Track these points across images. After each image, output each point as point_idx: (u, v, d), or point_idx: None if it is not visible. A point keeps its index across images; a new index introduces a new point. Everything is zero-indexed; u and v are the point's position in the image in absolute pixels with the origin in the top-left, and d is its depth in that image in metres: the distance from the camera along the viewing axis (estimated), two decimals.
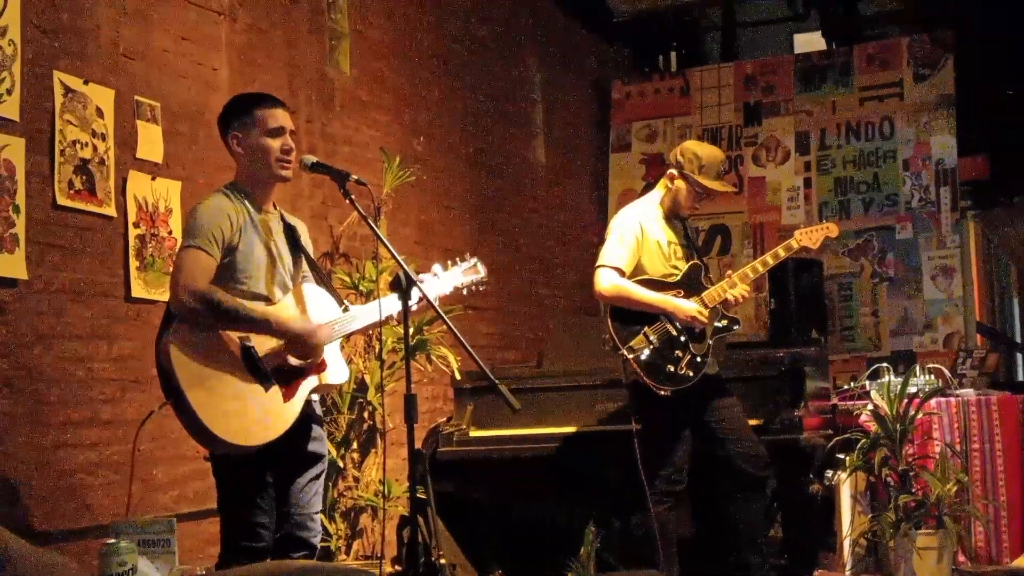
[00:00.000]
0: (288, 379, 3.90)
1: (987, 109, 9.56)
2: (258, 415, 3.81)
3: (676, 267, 5.22)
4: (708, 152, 5.27)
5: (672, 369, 5.04)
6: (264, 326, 3.85)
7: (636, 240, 5.16)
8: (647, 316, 5.08)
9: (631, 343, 5.02)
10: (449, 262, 4.35)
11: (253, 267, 3.95)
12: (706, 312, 5.08)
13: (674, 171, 5.25)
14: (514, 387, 4.22)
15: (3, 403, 4.40)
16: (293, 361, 3.92)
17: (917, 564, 5.49)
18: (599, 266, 5.15)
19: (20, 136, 4.52)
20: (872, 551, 5.77)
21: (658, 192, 5.35)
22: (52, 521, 4.54)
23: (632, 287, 5.09)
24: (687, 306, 5.07)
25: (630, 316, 5.09)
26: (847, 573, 5.75)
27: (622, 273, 5.12)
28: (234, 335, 3.83)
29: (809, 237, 5.34)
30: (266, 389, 3.83)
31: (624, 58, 10.98)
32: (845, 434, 5.74)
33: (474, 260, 4.39)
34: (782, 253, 5.28)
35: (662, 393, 4.99)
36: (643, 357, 5.01)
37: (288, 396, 3.89)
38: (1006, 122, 9.66)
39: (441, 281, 4.27)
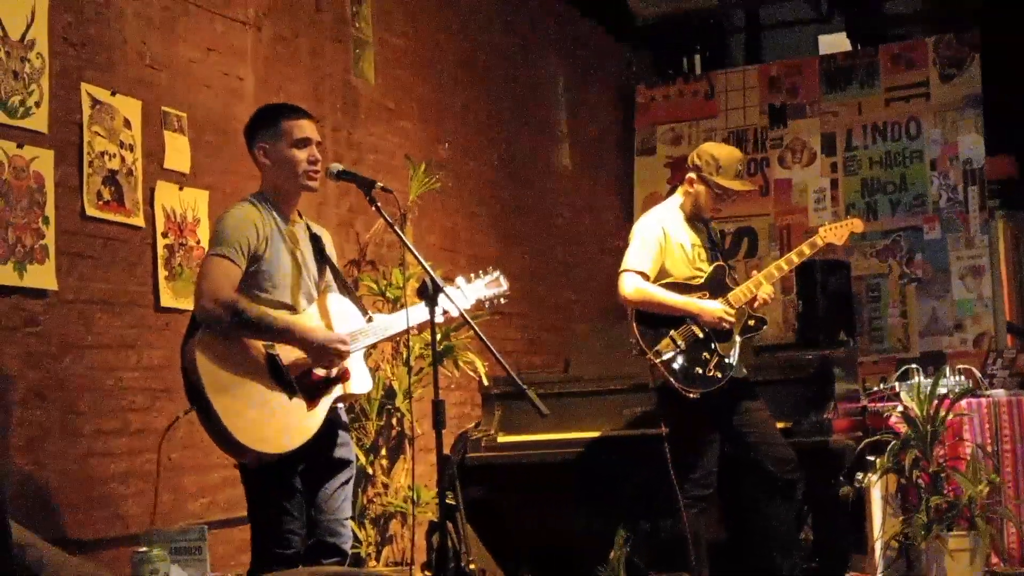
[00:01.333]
0: (312, 388, 3.91)
1: (1014, 108, 9.50)
2: (282, 423, 3.82)
3: (700, 270, 5.21)
4: (725, 153, 5.26)
5: (700, 371, 5.03)
6: (287, 336, 3.86)
7: (659, 244, 5.15)
8: (673, 319, 5.07)
9: (658, 346, 5.01)
10: (472, 275, 4.36)
11: (279, 276, 3.96)
12: (732, 312, 5.07)
13: (693, 174, 5.25)
14: (541, 392, 4.21)
15: (34, 413, 4.43)
16: (318, 371, 3.93)
17: (949, 566, 5.44)
18: (623, 271, 5.15)
19: (49, 148, 4.56)
20: (904, 553, 5.73)
21: (679, 196, 5.35)
22: (84, 530, 4.58)
23: (656, 290, 5.08)
24: (712, 307, 5.06)
25: (656, 319, 5.08)
26: None
27: (646, 277, 5.11)
28: (259, 343, 3.84)
29: (834, 233, 5.32)
30: (290, 397, 3.85)
31: (648, 62, 10.97)
32: (875, 436, 5.70)
33: (496, 273, 4.39)
34: (807, 251, 5.26)
35: (691, 396, 4.98)
36: (670, 360, 5.00)
37: (312, 404, 3.90)
38: None
39: (464, 294, 4.27)
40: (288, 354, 3.87)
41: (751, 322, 5.18)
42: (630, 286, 5.09)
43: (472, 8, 8.02)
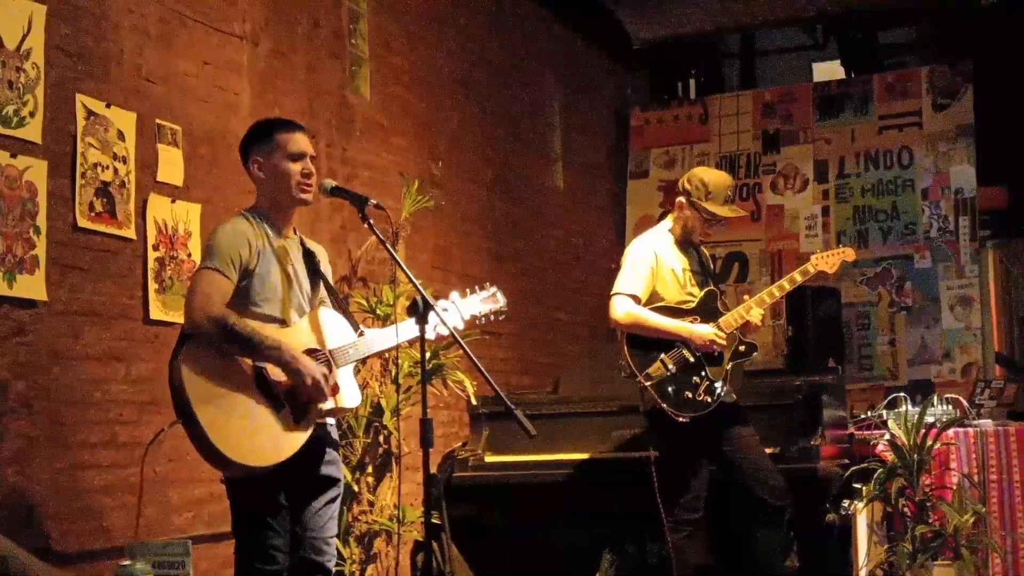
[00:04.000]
0: (300, 402, 3.90)
1: (1006, 138, 9.55)
2: (268, 436, 3.81)
3: (691, 294, 5.22)
4: (715, 178, 5.27)
5: (690, 395, 5.03)
6: (275, 356, 3.85)
7: (650, 268, 5.16)
8: (664, 342, 5.07)
9: (648, 370, 5.02)
10: (468, 290, 4.32)
11: (270, 290, 3.96)
12: (723, 335, 5.07)
13: (682, 199, 5.27)
14: (530, 412, 4.21)
15: (22, 424, 4.42)
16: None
17: None
18: (614, 294, 5.16)
19: (42, 158, 4.55)
20: None
21: (669, 220, 5.37)
22: (69, 542, 4.55)
23: (647, 314, 5.09)
24: (703, 330, 5.06)
25: (647, 343, 5.09)
26: None
27: (637, 300, 5.12)
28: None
29: (826, 261, 5.34)
30: (277, 411, 3.84)
31: (643, 85, 11.01)
32: (862, 463, 5.71)
33: (493, 289, 4.35)
34: (798, 278, 5.28)
35: (680, 420, 4.98)
36: (660, 384, 5.00)
37: (298, 418, 3.88)
38: None
39: (458, 310, 4.25)
40: (276, 368, 3.86)
41: (742, 348, 5.19)
42: (621, 309, 5.09)
43: (469, 27, 8.04)
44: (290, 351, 3.86)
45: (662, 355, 5.05)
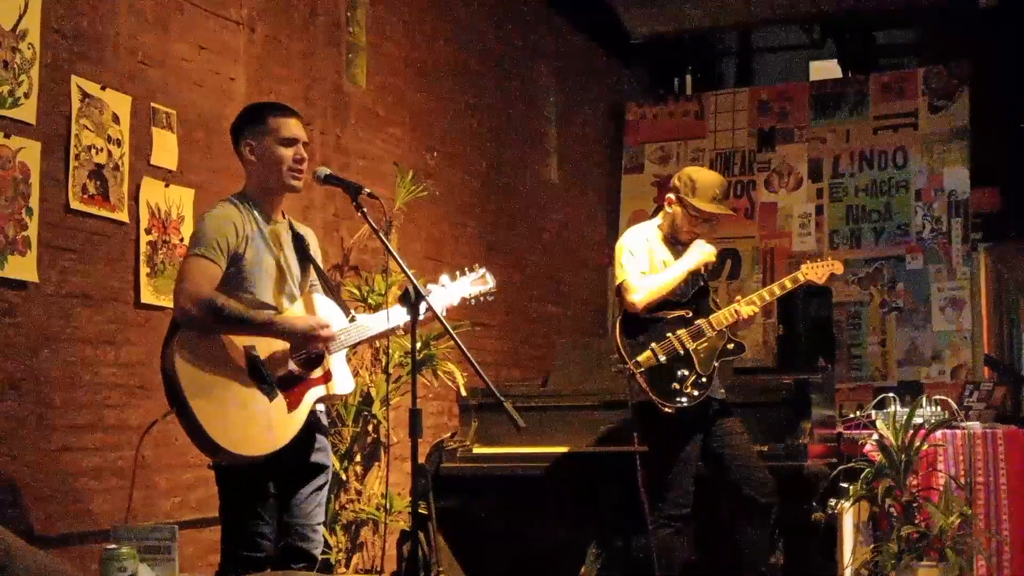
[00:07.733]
0: (293, 389, 3.90)
1: (1001, 141, 9.56)
2: (262, 425, 3.81)
3: None
4: (705, 176, 5.29)
5: (677, 387, 5.04)
6: (269, 329, 3.85)
7: (647, 251, 5.21)
8: (656, 333, 5.08)
9: (638, 358, 5.03)
10: (457, 272, 4.34)
11: (260, 277, 3.95)
12: (715, 252, 5.13)
13: (671, 195, 5.28)
14: (519, 405, 4.21)
15: (9, 405, 4.41)
16: (296, 368, 3.91)
17: None
18: (621, 282, 5.16)
19: (36, 139, 4.54)
20: None
21: (659, 217, 5.39)
22: (54, 524, 4.55)
23: (655, 277, 5.13)
24: (707, 250, 5.14)
25: (639, 332, 5.10)
26: None
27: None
28: (239, 343, 3.82)
29: (815, 272, 5.37)
30: (270, 399, 3.83)
31: (640, 80, 11.01)
32: (849, 463, 5.72)
33: (482, 270, 4.37)
34: (788, 284, 5.32)
35: (666, 411, 4.98)
36: (649, 372, 5.01)
37: (292, 406, 3.88)
38: (1020, 155, 9.66)
39: (448, 292, 4.26)
40: (269, 352, 3.86)
41: (730, 346, 5.19)
42: (635, 291, 5.10)
43: (466, 18, 8.03)
44: (281, 320, 3.88)
45: (653, 345, 5.06)
